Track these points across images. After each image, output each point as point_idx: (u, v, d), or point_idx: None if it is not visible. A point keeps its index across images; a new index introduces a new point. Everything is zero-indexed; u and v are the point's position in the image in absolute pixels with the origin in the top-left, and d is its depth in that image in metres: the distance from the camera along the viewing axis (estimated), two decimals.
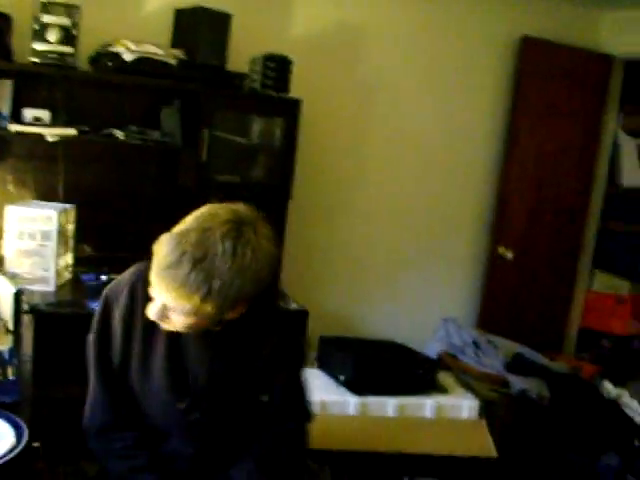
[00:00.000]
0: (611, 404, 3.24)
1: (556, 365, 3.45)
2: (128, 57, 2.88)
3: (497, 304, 4.32)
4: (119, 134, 2.95)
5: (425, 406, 2.69)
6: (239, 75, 3.24)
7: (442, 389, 2.81)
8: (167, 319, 1.42)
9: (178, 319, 1.41)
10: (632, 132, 4.64)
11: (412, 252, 4.17)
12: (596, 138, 4.41)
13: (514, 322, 4.25)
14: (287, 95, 3.27)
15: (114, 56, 2.88)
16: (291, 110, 3.26)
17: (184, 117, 3.14)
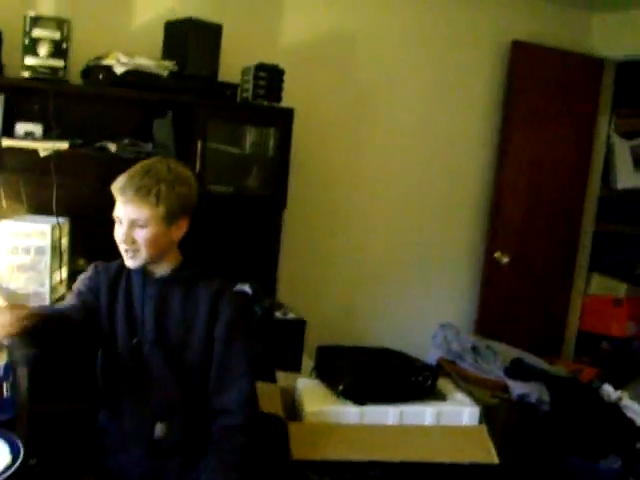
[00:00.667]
0: (612, 407, 3.23)
1: (555, 369, 3.43)
2: (119, 70, 2.88)
3: (494, 309, 4.31)
4: (112, 147, 2.94)
5: (425, 413, 2.67)
6: (231, 85, 3.24)
7: (442, 396, 2.79)
8: (132, 241, 1.83)
9: (140, 234, 1.82)
10: (625, 134, 4.64)
11: (408, 259, 4.17)
12: (589, 141, 4.42)
13: (512, 327, 4.24)
14: (280, 105, 3.27)
15: (105, 69, 2.87)
16: (284, 119, 3.26)
17: (177, 129, 3.14)
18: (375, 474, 2.48)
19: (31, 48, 2.73)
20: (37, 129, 2.80)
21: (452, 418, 2.70)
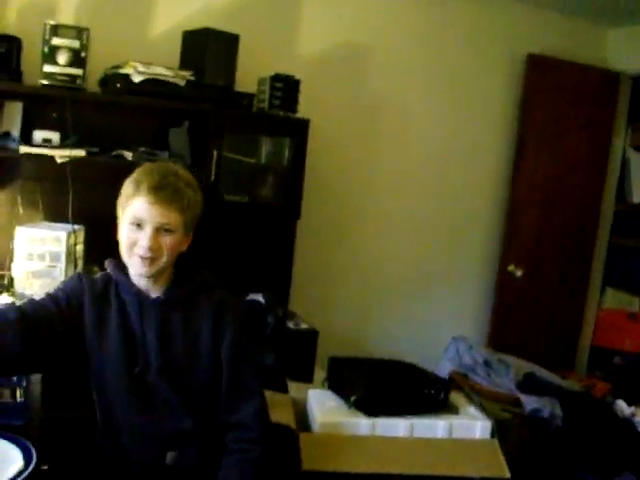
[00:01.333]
0: (625, 423, 3.20)
1: (568, 384, 3.41)
2: (137, 78, 2.90)
3: (507, 322, 4.29)
4: (128, 155, 2.96)
5: (437, 426, 2.66)
6: (247, 95, 3.25)
7: (454, 409, 2.78)
8: (159, 247, 1.65)
9: (165, 241, 1.65)
10: None
11: (422, 270, 4.16)
12: (605, 155, 4.41)
13: (525, 340, 4.22)
14: (295, 115, 3.28)
15: (123, 78, 2.89)
16: (299, 130, 3.27)
17: (193, 138, 3.15)
18: None
19: (50, 56, 2.75)
20: (54, 137, 2.82)
21: (464, 432, 2.69)
